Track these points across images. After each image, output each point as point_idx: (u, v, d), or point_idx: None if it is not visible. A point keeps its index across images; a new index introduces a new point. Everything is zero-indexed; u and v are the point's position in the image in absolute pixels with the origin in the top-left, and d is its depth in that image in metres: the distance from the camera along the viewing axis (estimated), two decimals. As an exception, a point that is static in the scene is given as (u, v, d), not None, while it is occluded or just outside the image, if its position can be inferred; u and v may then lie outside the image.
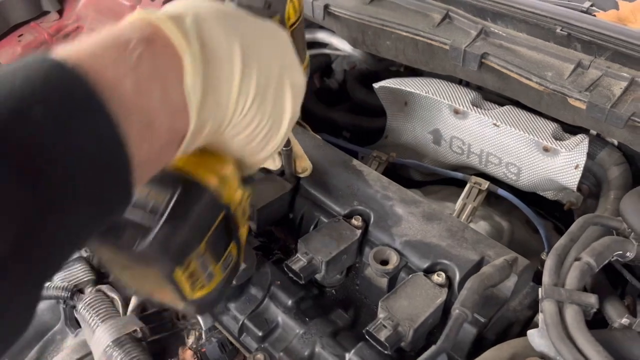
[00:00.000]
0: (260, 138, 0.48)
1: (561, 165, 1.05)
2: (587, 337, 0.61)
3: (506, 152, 1.13)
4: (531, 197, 1.19)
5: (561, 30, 0.78)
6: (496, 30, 0.91)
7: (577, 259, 0.70)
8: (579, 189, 1.10)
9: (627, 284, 0.91)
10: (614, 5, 0.78)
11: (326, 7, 1.07)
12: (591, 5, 0.78)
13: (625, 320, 0.72)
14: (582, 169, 1.02)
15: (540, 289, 0.66)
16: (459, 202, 1.13)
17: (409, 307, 0.68)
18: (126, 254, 0.45)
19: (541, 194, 1.21)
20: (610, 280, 0.86)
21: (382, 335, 0.65)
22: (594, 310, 0.65)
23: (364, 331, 0.67)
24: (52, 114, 0.32)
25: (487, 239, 0.78)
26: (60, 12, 1.27)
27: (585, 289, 0.89)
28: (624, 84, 0.80)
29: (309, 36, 1.25)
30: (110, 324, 0.72)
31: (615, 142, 1.03)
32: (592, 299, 0.64)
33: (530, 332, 0.65)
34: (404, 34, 1.00)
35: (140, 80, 0.36)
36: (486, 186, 1.14)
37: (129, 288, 0.58)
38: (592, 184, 1.10)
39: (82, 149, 0.33)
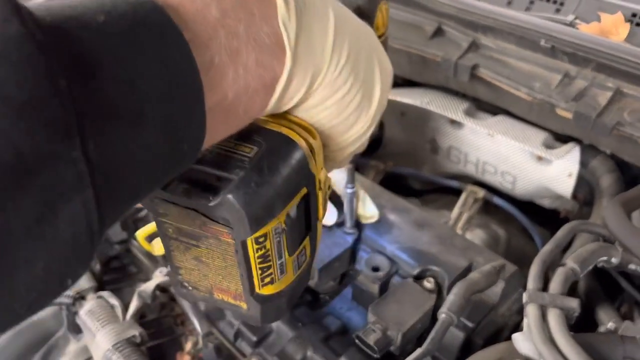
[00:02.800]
0: (351, 109, 0.44)
1: (555, 174, 1.07)
2: (569, 340, 0.63)
3: (501, 161, 1.15)
4: (530, 206, 1.21)
5: (545, 42, 0.80)
6: (486, 43, 0.94)
7: (562, 264, 0.71)
8: (574, 196, 1.12)
9: (624, 292, 0.93)
10: (597, 18, 0.81)
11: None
12: (575, 19, 0.80)
13: (611, 325, 0.73)
14: (575, 177, 1.04)
15: (524, 294, 0.67)
16: (455, 210, 1.16)
17: (398, 312, 0.70)
18: (201, 215, 0.41)
19: (537, 202, 1.22)
20: (608, 288, 0.88)
21: (371, 340, 0.67)
22: (577, 314, 0.66)
23: (354, 336, 0.69)
24: (119, 23, 0.30)
25: (476, 246, 0.80)
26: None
27: (578, 296, 0.91)
28: (609, 94, 0.82)
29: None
30: (110, 328, 0.75)
31: (608, 151, 1.05)
32: (574, 303, 0.66)
33: (515, 336, 0.67)
34: (398, 47, 1.03)
35: (226, 9, 0.35)
36: (482, 195, 1.17)
37: (186, 285, 0.48)
38: (587, 192, 1.12)
39: (147, 63, 0.31)
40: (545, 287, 0.70)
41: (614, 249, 0.75)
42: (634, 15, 0.79)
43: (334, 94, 0.42)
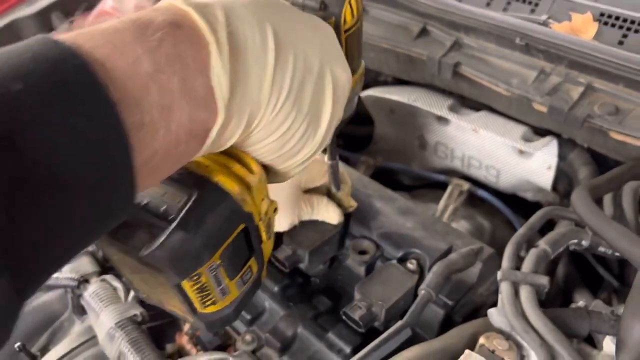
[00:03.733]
0: (294, 141, 0.43)
1: (535, 167, 1.13)
2: (538, 313, 0.68)
3: (485, 155, 1.21)
4: (514, 199, 1.26)
5: (520, 40, 0.86)
6: (468, 42, 0.99)
7: (535, 246, 0.77)
8: (555, 189, 1.17)
9: (604, 281, 0.98)
10: (569, 17, 0.86)
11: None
12: (548, 18, 0.86)
13: (581, 303, 0.78)
14: (554, 169, 1.09)
15: (499, 272, 0.73)
16: (442, 202, 1.21)
17: (383, 290, 0.75)
18: (133, 257, 0.42)
19: (521, 195, 1.27)
20: (589, 277, 0.94)
21: (357, 315, 0.72)
22: (546, 290, 0.71)
23: (341, 312, 0.74)
24: (37, 89, 0.28)
25: (456, 231, 0.85)
26: (69, 29, 1.36)
27: (557, 282, 0.96)
28: (581, 89, 0.87)
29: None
30: (113, 308, 0.79)
31: (585, 145, 1.10)
32: (544, 280, 0.71)
33: (490, 311, 0.72)
34: (386, 46, 1.08)
35: (160, 62, 0.34)
36: (466, 187, 1.22)
37: (140, 293, 0.52)
38: (566, 184, 1.17)
39: (71, 129, 0.29)
40: (519, 268, 0.75)
41: (584, 232, 0.80)
42: (602, 14, 0.85)
43: (274, 132, 0.41)
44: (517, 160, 1.15)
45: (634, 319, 0.61)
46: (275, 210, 0.50)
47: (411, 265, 0.79)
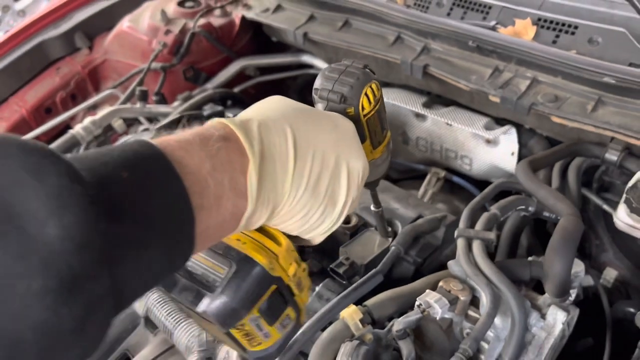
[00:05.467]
0: (313, 220, 0.52)
1: (501, 154, 1.28)
2: (486, 261, 0.83)
3: (459, 146, 1.37)
4: (488, 185, 1.42)
5: (472, 42, 1.02)
6: (435, 47, 1.16)
7: (487, 210, 0.93)
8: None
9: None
10: (513, 23, 1.03)
11: (305, 34, 1.33)
12: (496, 24, 1.02)
13: (529, 258, 0.94)
14: (517, 155, 1.25)
15: (456, 230, 0.89)
16: (422, 188, 1.37)
17: (362, 250, 0.91)
18: (190, 311, 0.54)
19: (493, 180, 1.43)
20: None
21: (341, 270, 0.88)
22: (494, 244, 0.87)
23: (328, 268, 0.90)
24: (136, 177, 0.40)
25: (425, 204, 1.01)
26: (91, 48, 1.54)
27: (522, 250, 1.12)
28: (528, 82, 1.04)
29: (295, 59, 1.51)
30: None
31: (545, 134, 1.26)
32: (492, 236, 0.87)
33: (449, 262, 0.87)
34: (367, 52, 1.25)
35: (216, 165, 0.45)
36: (443, 174, 1.38)
37: (207, 331, 0.65)
38: (530, 169, 1.33)
39: (158, 204, 0.40)
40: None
41: (530, 200, 0.96)
42: (539, 19, 1.01)
43: (295, 216, 0.51)
44: (486, 149, 1.31)
45: (555, 256, 0.76)
46: (304, 270, 0.59)
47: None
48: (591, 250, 1.28)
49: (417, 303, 0.78)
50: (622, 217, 0.86)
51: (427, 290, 0.81)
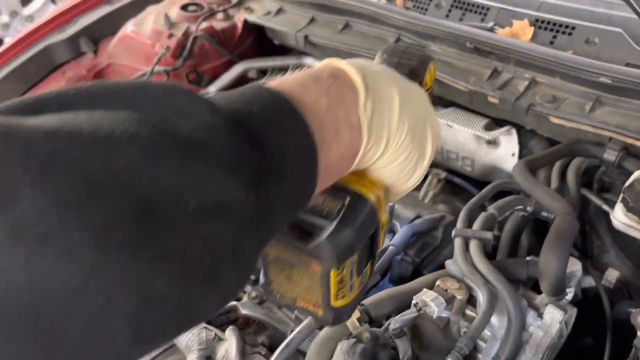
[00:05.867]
0: (410, 166, 0.54)
1: (502, 155, 1.29)
2: (483, 260, 0.84)
3: (460, 147, 1.37)
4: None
5: (470, 44, 1.03)
6: (434, 48, 1.17)
7: (485, 210, 0.93)
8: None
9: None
10: (510, 24, 1.03)
11: (306, 37, 1.34)
12: (494, 25, 1.03)
13: (528, 258, 0.94)
14: (517, 156, 1.25)
15: (454, 230, 0.89)
16: (422, 189, 1.37)
17: (361, 251, 0.92)
18: (298, 251, 0.51)
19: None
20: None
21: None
22: (491, 243, 0.88)
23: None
24: (266, 111, 0.41)
25: (425, 204, 1.02)
26: (96, 52, 1.56)
27: (523, 250, 1.12)
28: (526, 82, 1.04)
29: (297, 62, 1.52)
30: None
31: (546, 134, 1.26)
32: (489, 235, 0.87)
33: (447, 262, 0.88)
34: (367, 55, 1.26)
35: (331, 100, 0.46)
36: (443, 175, 1.38)
37: (275, 294, 0.60)
38: (531, 170, 1.33)
39: (286, 136, 0.41)
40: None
41: (529, 200, 0.97)
42: (536, 20, 1.02)
43: (397, 159, 0.52)
44: (487, 150, 1.32)
45: (550, 255, 0.77)
46: (387, 225, 0.59)
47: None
48: (593, 251, 1.28)
49: (413, 302, 0.79)
50: (619, 216, 0.86)
51: (424, 289, 0.81)
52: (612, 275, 1.22)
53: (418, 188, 1.43)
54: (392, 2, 1.23)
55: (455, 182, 1.37)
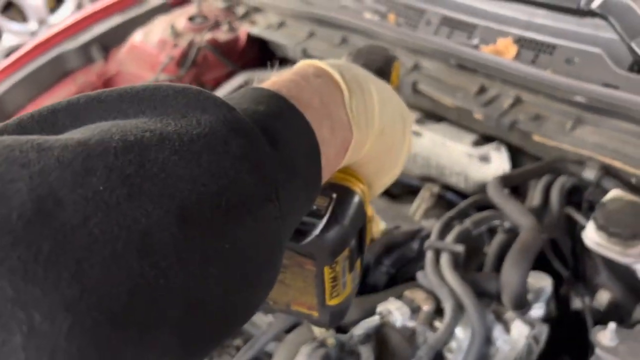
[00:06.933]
0: (389, 161, 0.55)
1: (493, 171, 1.29)
2: (452, 272, 0.85)
3: (453, 163, 1.38)
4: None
5: (453, 61, 1.05)
6: (425, 65, 1.19)
7: (461, 224, 0.95)
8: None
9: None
10: (495, 41, 1.05)
11: (304, 50, 1.38)
12: (479, 42, 1.05)
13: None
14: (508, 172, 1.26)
15: (426, 241, 0.91)
16: (415, 203, 1.39)
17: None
18: (291, 251, 0.51)
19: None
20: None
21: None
22: (462, 256, 0.89)
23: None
24: (269, 110, 0.41)
25: (405, 217, 1.03)
26: (106, 59, 1.62)
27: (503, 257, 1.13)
28: (511, 100, 1.05)
29: (298, 74, 1.56)
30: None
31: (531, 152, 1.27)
32: (460, 249, 0.89)
33: (417, 273, 0.90)
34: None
35: (322, 99, 0.46)
36: (437, 190, 1.40)
37: (268, 300, 0.59)
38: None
39: (292, 134, 0.41)
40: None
41: (505, 215, 0.97)
42: (519, 39, 1.03)
43: (378, 154, 0.54)
44: (478, 166, 1.32)
45: (511, 269, 0.78)
46: (371, 220, 0.59)
47: (363, 241, 0.98)
48: (585, 273, 1.27)
49: (378, 309, 0.81)
50: (590, 234, 0.87)
51: (390, 298, 0.83)
52: (603, 297, 1.21)
53: (410, 202, 1.45)
54: (385, 19, 1.25)
55: (447, 197, 1.38)
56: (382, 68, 0.63)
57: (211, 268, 0.31)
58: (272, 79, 0.46)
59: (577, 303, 1.21)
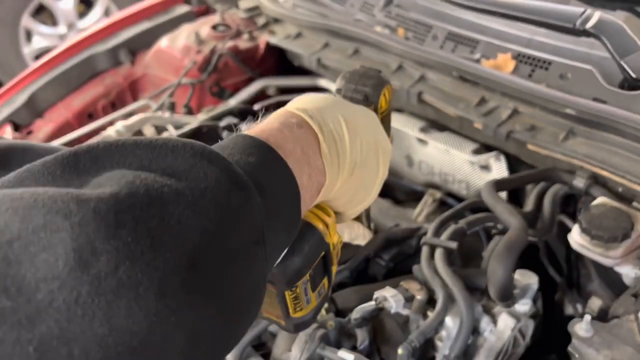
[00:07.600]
0: (359, 195, 0.59)
1: (493, 179, 1.37)
2: (444, 266, 0.92)
3: (456, 170, 1.46)
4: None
5: (455, 73, 1.12)
6: (431, 76, 1.27)
7: (456, 224, 1.02)
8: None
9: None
10: (496, 56, 1.13)
11: (319, 60, 1.46)
12: (481, 57, 1.12)
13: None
14: (507, 181, 1.33)
15: (422, 238, 0.98)
16: (418, 207, 1.46)
17: (344, 253, 1.02)
18: None
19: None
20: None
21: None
22: (456, 252, 0.96)
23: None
24: (256, 160, 0.45)
25: (406, 217, 1.11)
26: (133, 62, 1.72)
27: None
28: (509, 111, 1.13)
29: (312, 82, 1.65)
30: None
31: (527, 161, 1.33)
32: (453, 245, 0.96)
33: (413, 267, 0.97)
34: (372, 78, 1.37)
35: (303, 148, 0.51)
36: (439, 196, 1.47)
37: None
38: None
39: (278, 183, 0.46)
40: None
41: (497, 216, 1.04)
42: (518, 55, 1.11)
43: (349, 188, 0.58)
44: (480, 174, 1.40)
45: (497, 263, 0.85)
46: (340, 242, 0.64)
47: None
48: (579, 280, 1.33)
49: (374, 296, 0.88)
50: (574, 236, 0.93)
51: (386, 287, 0.90)
52: (595, 304, 1.27)
53: (414, 207, 1.52)
54: (394, 33, 1.34)
55: (449, 202, 1.46)
56: (371, 94, 0.67)
57: (213, 304, 0.36)
58: (260, 127, 0.51)
59: (570, 309, 1.28)
